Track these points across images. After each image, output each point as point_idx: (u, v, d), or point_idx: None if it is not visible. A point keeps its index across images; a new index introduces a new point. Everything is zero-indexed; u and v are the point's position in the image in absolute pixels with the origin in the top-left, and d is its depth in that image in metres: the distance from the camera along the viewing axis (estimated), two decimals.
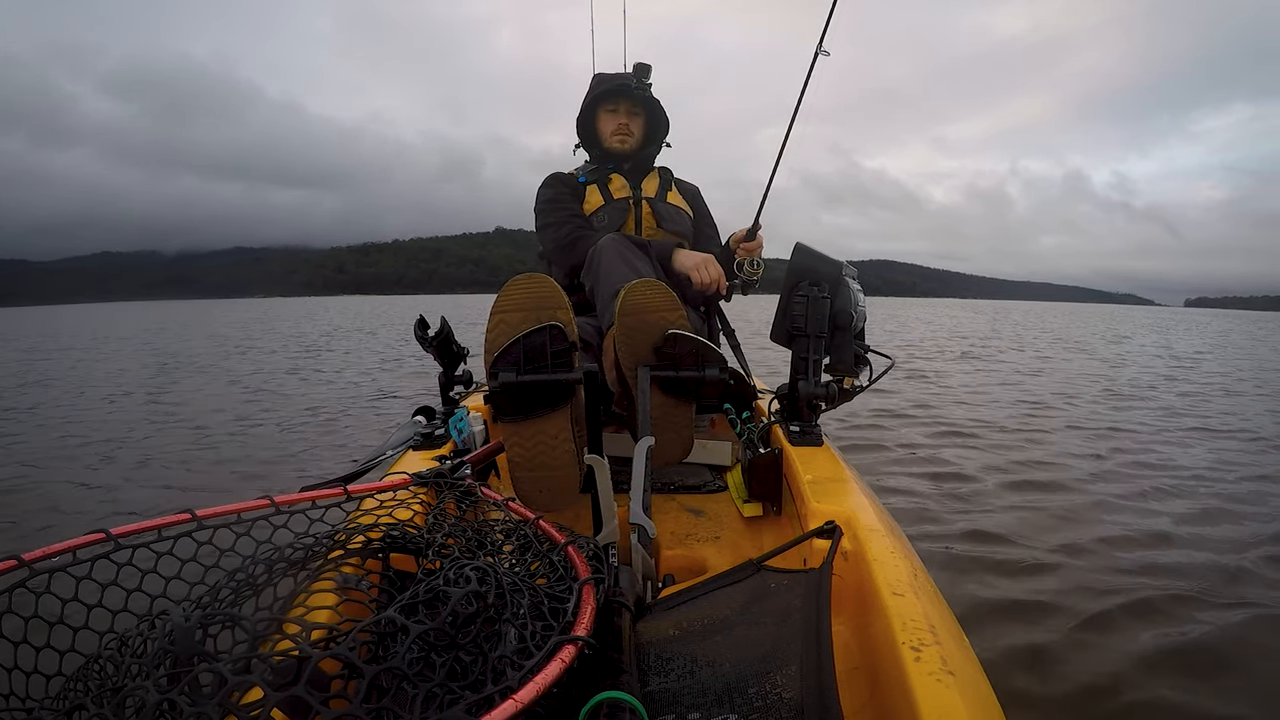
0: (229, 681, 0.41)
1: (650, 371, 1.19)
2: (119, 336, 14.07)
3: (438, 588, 0.53)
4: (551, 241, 1.70)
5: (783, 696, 0.56)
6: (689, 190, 1.91)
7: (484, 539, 0.75)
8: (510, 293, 1.05)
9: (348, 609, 0.66)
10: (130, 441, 3.57)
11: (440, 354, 1.40)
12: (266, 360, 7.99)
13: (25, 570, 0.53)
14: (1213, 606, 1.63)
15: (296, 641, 0.48)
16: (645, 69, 1.76)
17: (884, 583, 0.67)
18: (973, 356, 8.70)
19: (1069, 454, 3.24)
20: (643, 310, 1.20)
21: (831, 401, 1.24)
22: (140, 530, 0.60)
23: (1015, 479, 2.78)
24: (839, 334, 1.22)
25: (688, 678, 0.61)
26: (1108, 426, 3.98)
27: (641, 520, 0.91)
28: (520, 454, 1.05)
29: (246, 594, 0.65)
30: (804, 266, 1.22)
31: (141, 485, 2.77)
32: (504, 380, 1.01)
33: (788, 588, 0.70)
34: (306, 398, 5.06)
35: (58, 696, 0.53)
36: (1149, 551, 1.99)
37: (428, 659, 0.48)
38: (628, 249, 1.44)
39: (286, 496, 0.74)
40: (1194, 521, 2.28)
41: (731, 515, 1.26)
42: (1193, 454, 3.32)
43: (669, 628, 0.69)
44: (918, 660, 0.54)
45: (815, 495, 0.92)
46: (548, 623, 0.55)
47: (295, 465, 3.08)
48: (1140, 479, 2.80)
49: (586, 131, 1.84)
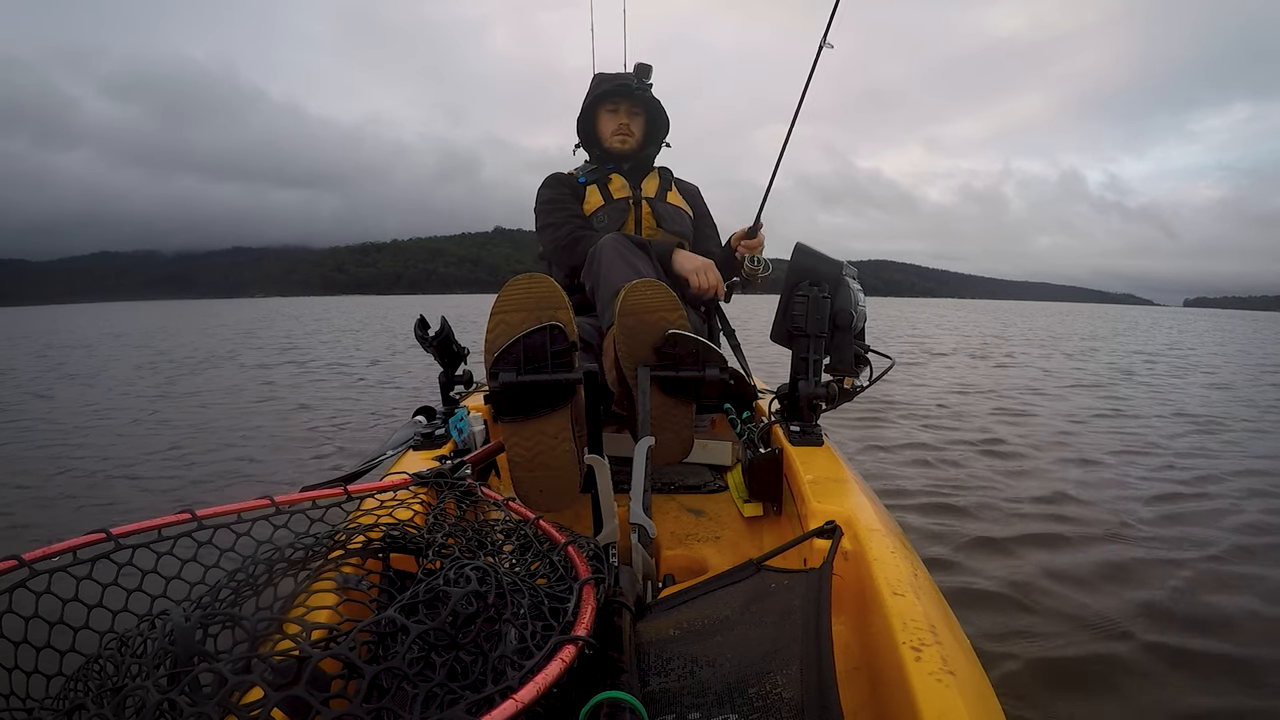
0: (229, 681, 0.41)
1: (650, 371, 1.19)
2: (114, 334, 14.05)
3: (438, 588, 0.53)
4: (551, 242, 1.70)
5: (783, 696, 0.56)
6: (689, 190, 1.91)
7: (484, 539, 0.75)
8: (510, 293, 1.05)
9: (348, 609, 0.66)
10: (129, 443, 3.57)
11: (440, 354, 1.40)
12: (267, 360, 8.00)
13: (25, 570, 0.53)
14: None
15: (297, 641, 0.48)
16: (646, 69, 1.76)
17: (884, 582, 0.67)
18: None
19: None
20: (643, 310, 1.20)
21: (832, 401, 1.24)
22: (140, 530, 0.60)
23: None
24: (839, 334, 1.22)
25: (688, 678, 0.61)
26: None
27: (642, 520, 0.91)
28: (520, 454, 1.05)
29: (247, 594, 0.65)
30: (804, 266, 1.22)
31: (142, 486, 2.77)
32: (504, 380, 1.01)
33: (788, 588, 0.70)
34: (305, 398, 5.07)
35: (58, 696, 0.53)
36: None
37: (428, 659, 0.48)
38: (628, 249, 1.44)
39: (287, 496, 0.74)
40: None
41: (732, 515, 1.26)
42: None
43: (669, 628, 0.69)
44: (918, 660, 0.54)
45: (815, 495, 0.92)
46: (548, 623, 0.55)
47: (297, 465, 3.08)
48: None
49: (587, 131, 1.84)
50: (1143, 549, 1.98)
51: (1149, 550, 1.97)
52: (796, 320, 1.20)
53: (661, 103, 1.81)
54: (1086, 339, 13.46)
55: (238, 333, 13.96)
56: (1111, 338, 14.23)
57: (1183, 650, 1.43)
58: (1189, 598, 1.67)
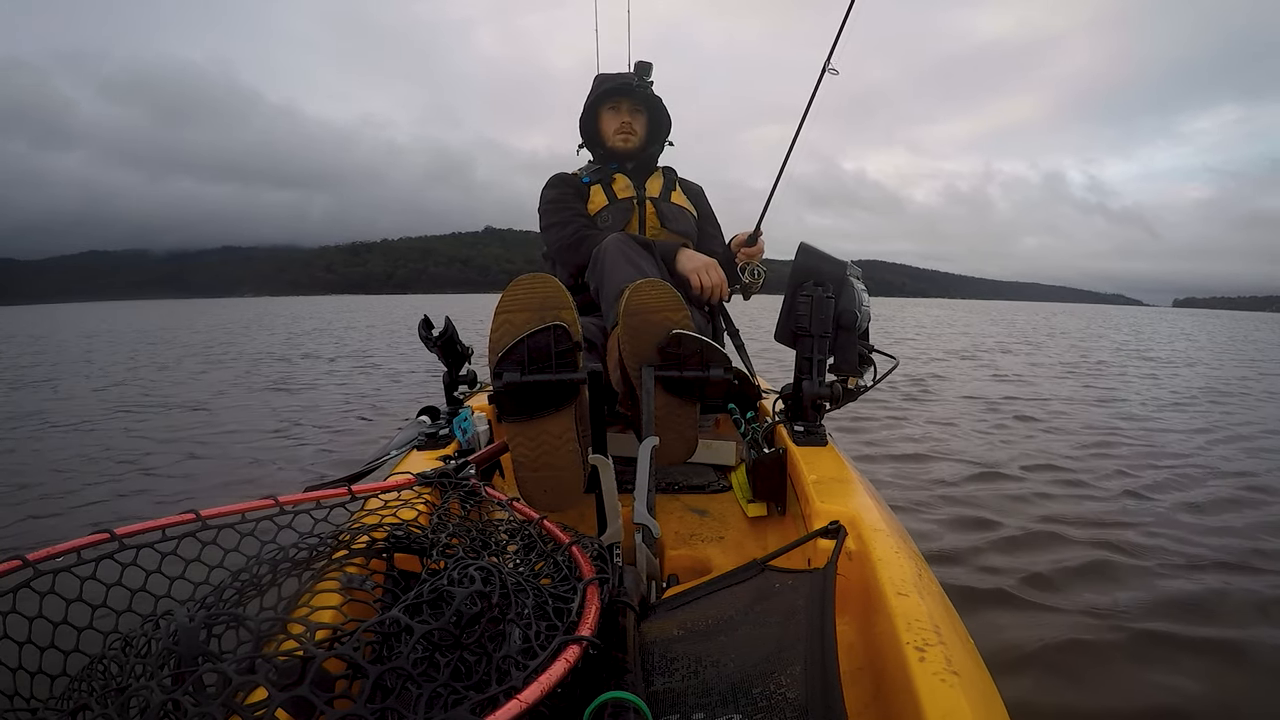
0: (233, 681, 0.41)
1: (654, 371, 1.19)
2: (107, 332, 13.98)
3: (442, 588, 0.53)
4: (556, 242, 1.70)
5: (787, 696, 0.55)
6: (693, 190, 1.91)
7: (488, 539, 0.75)
8: (515, 292, 1.04)
9: (352, 609, 0.66)
10: (131, 441, 3.58)
11: (444, 354, 1.40)
12: (264, 359, 8.02)
13: (30, 570, 0.53)
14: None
15: (301, 641, 0.48)
16: (646, 67, 1.76)
17: (888, 583, 0.67)
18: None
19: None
20: (647, 310, 1.20)
21: (835, 401, 1.23)
22: (144, 530, 0.60)
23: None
24: (843, 334, 1.21)
25: (692, 678, 0.61)
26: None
27: (646, 520, 0.91)
28: (524, 454, 1.05)
29: (251, 594, 0.65)
30: (808, 266, 1.22)
31: (143, 485, 2.78)
32: (508, 380, 1.01)
33: (792, 588, 0.70)
34: (308, 397, 5.08)
35: (62, 697, 0.53)
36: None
37: (432, 659, 0.48)
38: (632, 249, 1.44)
39: (291, 496, 0.74)
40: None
41: (736, 515, 1.25)
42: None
43: (673, 628, 0.69)
44: (922, 660, 0.54)
45: (819, 495, 0.92)
46: (552, 623, 0.55)
47: (298, 465, 3.09)
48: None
49: (589, 131, 1.84)
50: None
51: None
52: (800, 320, 1.19)
53: (663, 100, 1.81)
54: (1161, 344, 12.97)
55: (235, 334, 13.98)
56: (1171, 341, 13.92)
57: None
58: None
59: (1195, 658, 1.41)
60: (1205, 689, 1.30)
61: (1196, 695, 1.28)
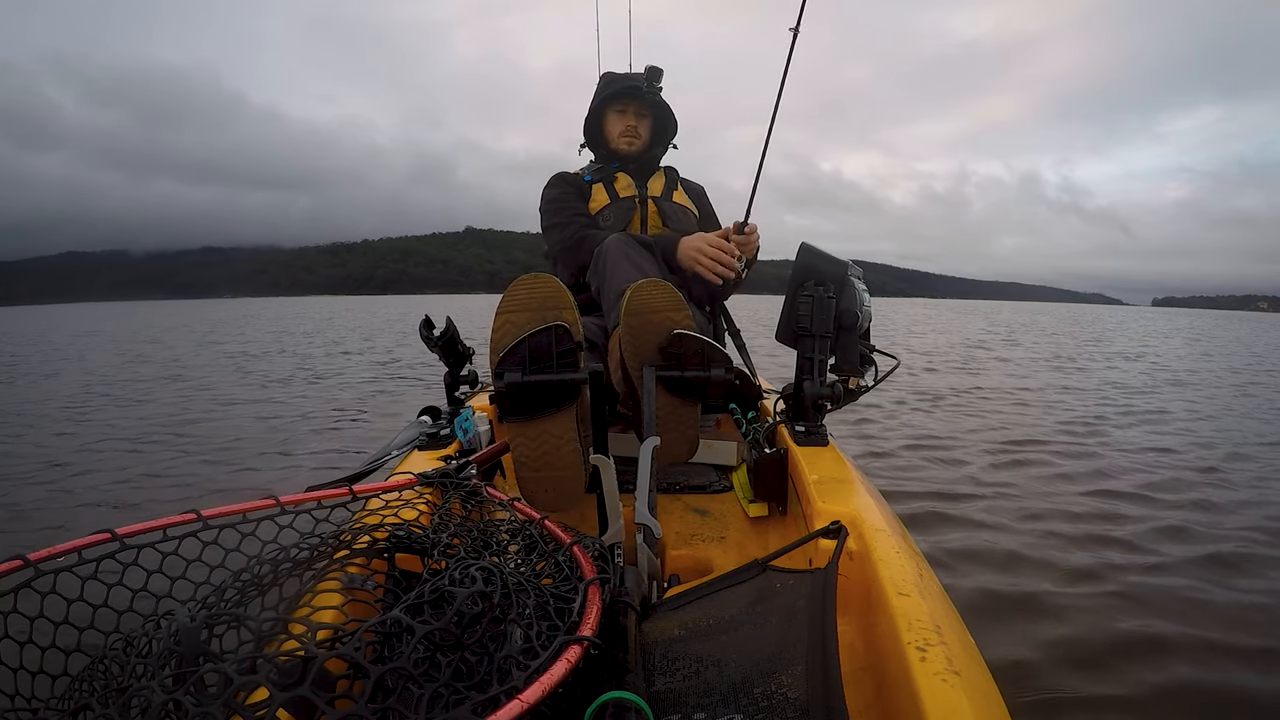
0: (234, 681, 0.41)
1: (656, 371, 1.19)
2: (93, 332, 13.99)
3: (443, 588, 0.53)
4: (557, 241, 1.69)
5: (788, 696, 0.55)
6: (694, 190, 1.91)
7: (489, 539, 0.75)
8: (516, 293, 1.04)
9: (353, 609, 0.66)
10: (130, 442, 3.58)
11: (445, 354, 1.40)
12: (261, 359, 8.02)
13: (30, 570, 0.53)
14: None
15: (302, 641, 0.48)
16: (657, 72, 1.75)
17: (889, 583, 0.67)
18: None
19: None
20: (648, 310, 1.20)
21: (837, 401, 1.23)
22: (146, 530, 0.60)
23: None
24: (844, 334, 1.21)
25: (693, 678, 0.61)
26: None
27: (647, 520, 0.91)
28: (525, 454, 1.05)
29: (252, 594, 0.65)
30: (809, 266, 1.22)
31: (143, 486, 2.78)
32: (509, 380, 1.01)
33: (793, 588, 0.70)
34: (307, 398, 5.08)
35: (63, 697, 0.53)
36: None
37: (433, 659, 0.48)
38: (633, 249, 1.44)
39: (292, 496, 0.74)
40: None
41: (737, 515, 1.25)
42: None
43: (674, 628, 0.69)
44: (923, 660, 0.54)
45: (820, 495, 0.91)
46: (553, 623, 0.55)
47: (300, 465, 3.09)
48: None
49: (593, 131, 1.84)
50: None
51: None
52: (801, 320, 1.19)
53: (670, 105, 1.80)
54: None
55: (234, 332, 13.97)
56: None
57: None
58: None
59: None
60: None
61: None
